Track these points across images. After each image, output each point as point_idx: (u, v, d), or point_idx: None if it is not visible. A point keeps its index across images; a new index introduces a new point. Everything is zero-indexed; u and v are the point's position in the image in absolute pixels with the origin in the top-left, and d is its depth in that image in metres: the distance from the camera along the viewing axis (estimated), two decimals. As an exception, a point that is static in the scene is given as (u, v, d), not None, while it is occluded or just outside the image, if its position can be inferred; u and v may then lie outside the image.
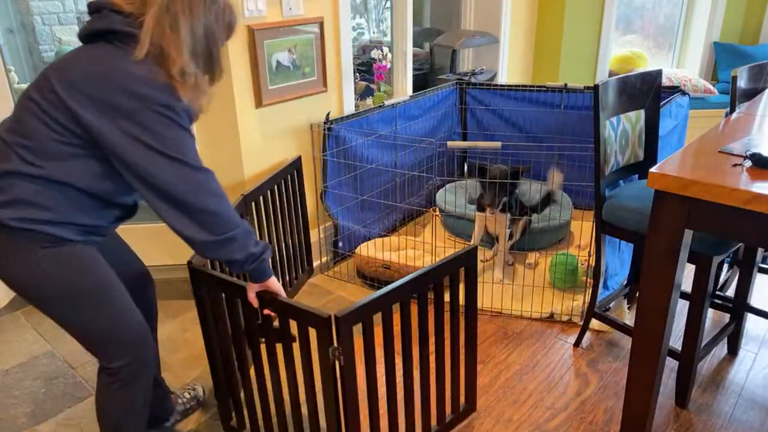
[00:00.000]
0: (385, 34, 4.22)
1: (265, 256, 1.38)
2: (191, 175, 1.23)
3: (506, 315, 2.44)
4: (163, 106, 1.19)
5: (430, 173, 3.38)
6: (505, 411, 1.91)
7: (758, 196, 1.21)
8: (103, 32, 1.22)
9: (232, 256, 1.31)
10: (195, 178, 1.24)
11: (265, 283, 1.42)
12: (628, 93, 1.96)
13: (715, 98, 4.30)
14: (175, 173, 1.21)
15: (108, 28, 1.21)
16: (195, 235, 1.25)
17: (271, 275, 1.43)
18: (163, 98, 1.19)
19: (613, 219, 1.91)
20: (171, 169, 1.21)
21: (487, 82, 3.50)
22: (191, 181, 1.23)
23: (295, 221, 2.48)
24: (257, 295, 1.46)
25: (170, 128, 1.20)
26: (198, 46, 1.25)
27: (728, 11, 4.56)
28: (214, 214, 1.25)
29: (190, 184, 1.23)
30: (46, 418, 1.92)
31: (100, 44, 1.23)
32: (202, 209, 1.24)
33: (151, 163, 1.20)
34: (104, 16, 1.22)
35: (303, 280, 2.63)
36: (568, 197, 3.16)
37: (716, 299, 2.19)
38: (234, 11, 1.34)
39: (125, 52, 1.20)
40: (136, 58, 1.18)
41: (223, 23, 1.31)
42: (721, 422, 1.84)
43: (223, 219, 1.26)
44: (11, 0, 2.50)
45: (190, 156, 1.23)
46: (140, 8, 1.21)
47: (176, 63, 1.20)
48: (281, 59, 2.40)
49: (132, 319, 1.40)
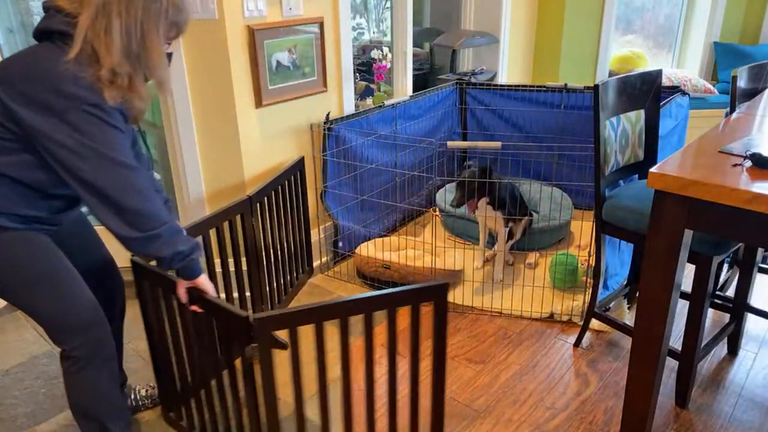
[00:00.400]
0: (385, 34, 4.22)
1: (194, 256, 1.40)
2: (118, 171, 1.27)
3: (506, 315, 2.44)
4: (91, 105, 1.22)
5: (430, 173, 3.38)
6: (505, 411, 1.91)
7: (758, 196, 1.21)
8: (47, 32, 1.26)
9: (158, 253, 1.35)
10: (122, 175, 1.27)
11: (194, 281, 1.44)
12: (628, 93, 1.96)
13: (715, 98, 4.30)
14: (102, 169, 1.25)
15: (48, 28, 1.25)
16: (121, 231, 1.29)
17: (200, 274, 1.44)
18: (90, 97, 1.22)
19: (613, 219, 1.91)
20: (98, 165, 1.25)
21: (487, 82, 3.50)
22: (118, 178, 1.27)
23: (296, 222, 2.48)
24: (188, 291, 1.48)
25: (99, 126, 1.24)
26: (133, 46, 1.26)
27: (728, 11, 4.56)
28: (140, 210, 1.29)
29: (117, 180, 1.27)
30: (46, 418, 1.92)
31: (45, 44, 1.27)
32: (128, 205, 1.28)
33: (80, 159, 1.24)
34: (49, 16, 1.26)
35: (303, 281, 2.63)
36: (568, 197, 3.16)
37: (716, 299, 2.19)
38: (182, 10, 1.33)
39: (62, 51, 1.23)
40: (68, 58, 1.21)
41: (166, 22, 1.31)
42: (721, 422, 1.84)
43: (148, 216, 1.30)
44: (11, 0, 2.50)
45: (118, 153, 1.27)
46: (78, 8, 1.23)
47: (106, 63, 1.22)
48: (281, 59, 2.40)
49: (82, 303, 1.43)
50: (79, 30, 1.22)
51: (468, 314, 2.45)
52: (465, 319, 2.41)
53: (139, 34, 1.26)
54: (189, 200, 2.43)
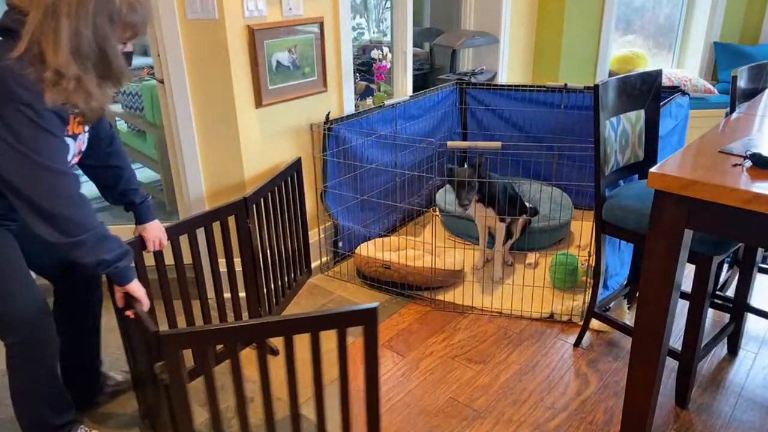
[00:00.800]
0: (385, 34, 4.22)
1: (121, 264, 1.41)
2: (45, 177, 1.24)
3: (506, 315, 2.44)
4: (25, 105, 1.19)
5: (430, 173, 3.38)
6: (505, 411, 1.91)
7: (758, 196, 1.21)
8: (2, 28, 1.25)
9: (82, 260, 1.35)
10: (48, 181, 1.25)
11: (125, 287, 1.46)
12: (628, 93, 1.96)
13: (715, 98, 4.30)
14: (28, 173, 1.23)
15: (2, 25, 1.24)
16: (47, 235, 1.29)
17: (131, 281, 1.46)
18: (26, 97, 1.19)
19: (613, 219, 1.91)
20: (24, 168, 1.22)
21: (487, 82, 3.50)
22: (43, 183, 1.25)
23: (294, 223, 2.48)
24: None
25: (30, 128, 1.21)
26: (84, 47, 1.23)
27: (728, 11, 4.56)
28: (65, 217, 1.28)
29: (42, 185, 1.25)
30: (46, 418, 1.92)
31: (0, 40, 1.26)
32: (52, 211, 1.27)
33: (6, 159, 1.22)
34: (5, 13, 1.25)
35: (302, 281, 2.63)
36: (568, 197, 3.16)
37: (716, 299, 2.19)
38: (137, 9, 1.31)
39: (8, 49, 1.20)
40: (11, 56, 1.18)
41: (120, 22, 1.28)
42: (721, 422, 1.84)
43: (73, 223, 1.29)
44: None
45: (46, 158, 1.24)
46: (28, 6, 1.20)
47: (51, 64, 1.20)
48: (281, 59, 2.40)
49: (26, 301, 1.43)
50: (27, 28, 1.19)
51: (468, 314, 2.45)
52: (465, 319, 2.42)
53: (91, 34, 1.23)
54: (189, 200, 2.43)
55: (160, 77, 2.31)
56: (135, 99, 3.77)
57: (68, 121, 1.32)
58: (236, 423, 1.86)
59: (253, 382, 2.04)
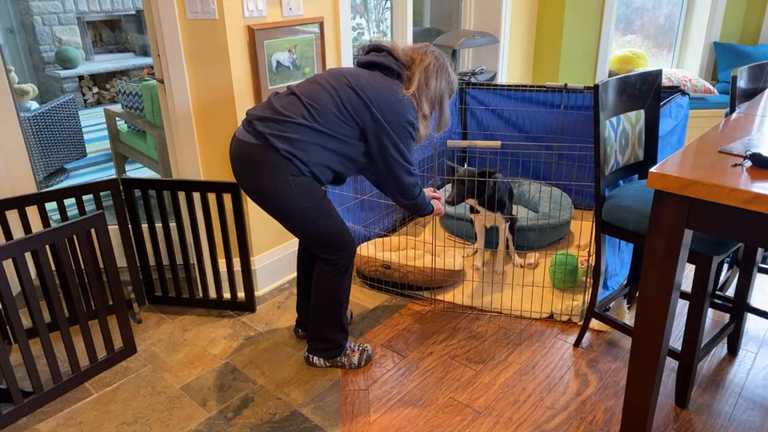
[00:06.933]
0: (385, 34, 4.22)
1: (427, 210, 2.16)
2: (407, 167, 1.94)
3: (506, 315, 2.44)
4: (408, 123, 1.88)
5: (430, 173, 3.38)
6: (505, 411, 1.91)
7: (758, 196, 1.21)
8: (377, 65, 1.89)
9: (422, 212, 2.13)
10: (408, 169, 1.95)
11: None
12: (628, 93, 1.96)
13: (715, 98, 4.30)
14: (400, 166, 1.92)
15: (382, 63, 1.89)
16: (400, 200, 2.02)
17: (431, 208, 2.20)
18: (411, 118, 1.89)
19: (613, 219, 1.91)
20: (400, 161, 1.91)
21: (487, 82, 3.50)
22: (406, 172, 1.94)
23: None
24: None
25: (406, 138, 1.90)
26: (434, 100, 1.97)
27: (728, 11, 4.56)
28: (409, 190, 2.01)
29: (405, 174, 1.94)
30: (46, 417, 1.92)
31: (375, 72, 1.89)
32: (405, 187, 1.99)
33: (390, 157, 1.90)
34: (383, 56, 1.91)
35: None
36: (568, 197, 3.16)
37: (716, 299, 2.19)
38: (456, 84, 2.11)
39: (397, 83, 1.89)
40: (404, 93, 1.87)
41: (448, 89, 2.03)
42: (721, 422, 1.84)
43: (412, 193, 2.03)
44: (11, 0, 2.50)
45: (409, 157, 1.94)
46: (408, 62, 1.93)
47: (422, 109, 1.92)
48: (281, 59, 2.40)
49: (346, 229, 1.97)
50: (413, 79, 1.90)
51: (468, 314, 2.45)
52: (465, 319, 2.42)
53: (438, 94, 1.97)
54: (189, 200, 2.43)
55: (160, 77, 2.32)
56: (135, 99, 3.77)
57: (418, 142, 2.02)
58: (236, 423, 1.86)
59: (253, 383, 2.04)
